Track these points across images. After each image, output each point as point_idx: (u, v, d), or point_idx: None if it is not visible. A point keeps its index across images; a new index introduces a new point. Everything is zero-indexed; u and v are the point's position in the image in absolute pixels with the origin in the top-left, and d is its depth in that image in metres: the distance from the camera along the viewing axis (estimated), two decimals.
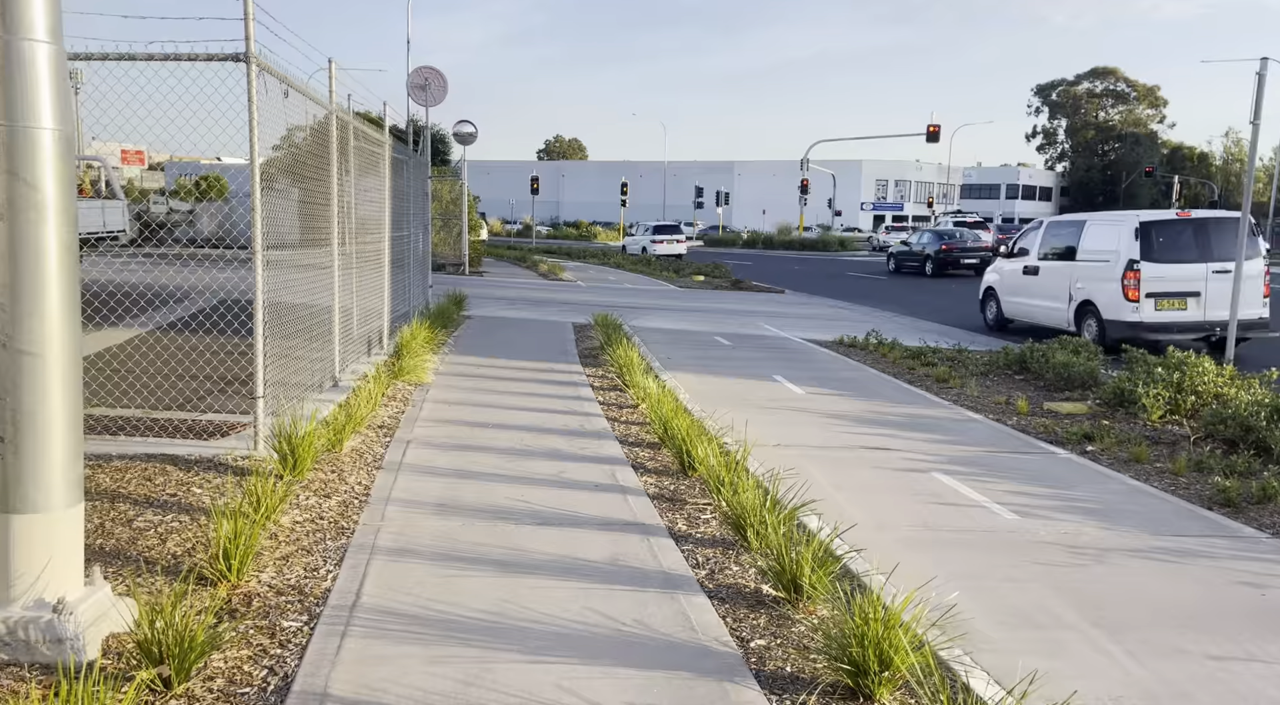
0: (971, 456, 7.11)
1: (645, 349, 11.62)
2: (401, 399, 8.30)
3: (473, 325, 14.12)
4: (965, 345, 13.01)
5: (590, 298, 20.54)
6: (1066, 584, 4.59)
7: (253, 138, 5.71)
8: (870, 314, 19.50)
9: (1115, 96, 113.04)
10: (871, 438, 7.62)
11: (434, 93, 16.93)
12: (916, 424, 8.24)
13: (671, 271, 30.60)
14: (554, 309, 17.41)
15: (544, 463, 6.38)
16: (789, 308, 20.59)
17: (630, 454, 6.80)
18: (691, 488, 6.01)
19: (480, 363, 10.51)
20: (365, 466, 6.07)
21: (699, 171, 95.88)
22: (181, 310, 12.35)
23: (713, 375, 10.55)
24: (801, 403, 9.08)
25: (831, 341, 14.05)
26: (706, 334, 14.67)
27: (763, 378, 10.44)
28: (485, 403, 8.30)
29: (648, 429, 7.60)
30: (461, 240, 26.07)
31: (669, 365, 10.94)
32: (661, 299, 21.78)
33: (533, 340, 12.75)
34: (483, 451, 6.60)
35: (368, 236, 10.57)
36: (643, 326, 14.67)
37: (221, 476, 5.43)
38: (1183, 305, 12.58)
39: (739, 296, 23.31)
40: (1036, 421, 8.48)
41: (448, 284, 20.16)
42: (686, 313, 18.23)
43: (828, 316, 18.70)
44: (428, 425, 7.35)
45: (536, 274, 28.69)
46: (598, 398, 8.83)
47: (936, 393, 9.82)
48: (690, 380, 10.04)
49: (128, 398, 7.04)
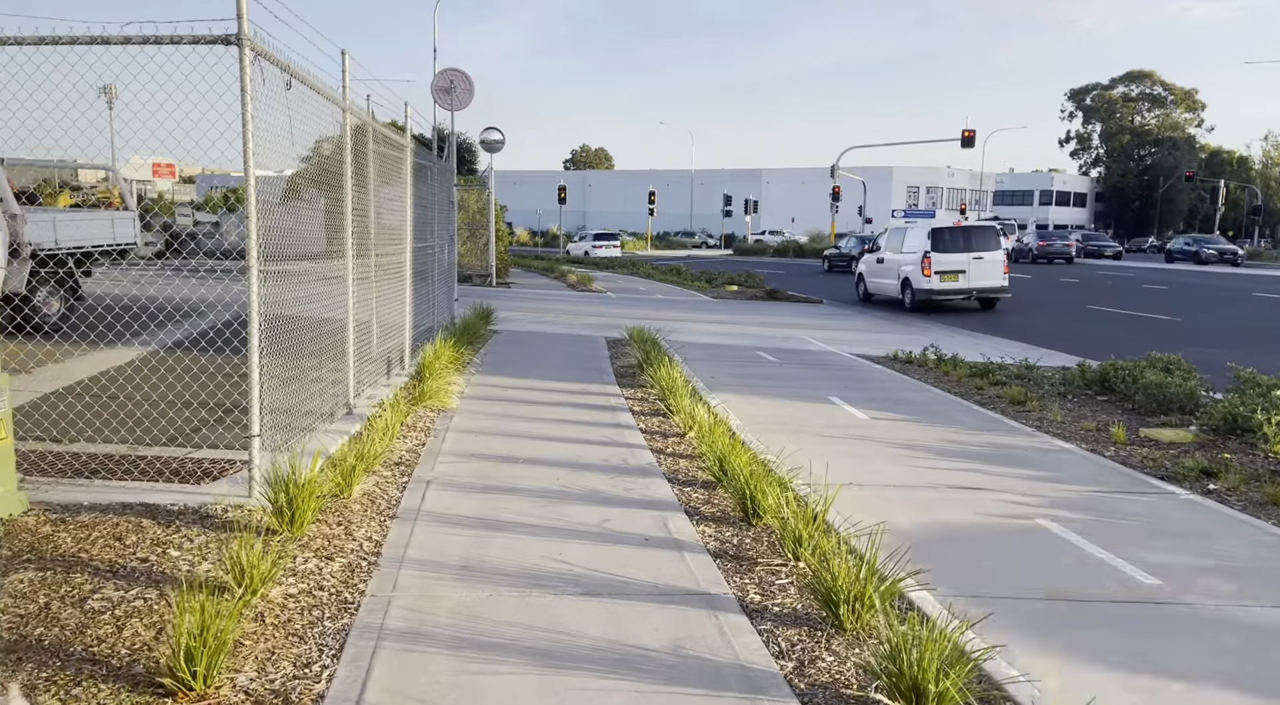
0: (1077, 498, 6.12)
1: (687, 368, 10.71)
2: (423, 428, 7.45)
3: (501, 341, 13.29)
4: (1033, 361, 11.98)
5: (622, 310, 19.68)
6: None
7: (246, 135, 4.89)
8: (915, 326, 18.46)
9: (1151, 100, 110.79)
10: (956, 474, 6.66)
11: (460, 96, 16.16)
12: (1003, 456, 7.26)
13: (704, 281, 29.67)
14: (585, 322, 16.56)
15: (583, 508, 5.49)
16: (829, 319, 19.60)
17: (682, 495, 5.89)
18: (758, 540, 5.10)
19: (509, 384, 9.66)
20: (377, 515, 5.21)
21: (726, 179, 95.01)
22: (193, 327, 11.63)
23: (762, 397, 9.62)
24: (866, 430, 8.12)
25: (883, 357, 13.07)
26: (748, 349, 13.74)
27: (818, 399, 9.50)
28: (515, 432, 7.44)
29: (699, 463, 6.70)
30: (489, 251, 25.33)
31: (714, 386, 10.03)
32: (696, 311, 20.87)
33: (564, 357, 11.89)
34: (512, 494, 5.72)
35: (388, 247, 9.77)
36: (680, 341, 13.77)
37: (206, 533, 4.59)
38: (955, 279, 20.28)
39: (775, 307, 22.35)
40: (1137, 452, 7.48)
41: (474, 296, 19.40)
42: (723, 325, 17.31)
43: (872, 328, 17.70)
44: (451, 460, 6.49)
45: (565, 285, 27.89)
46: (639, 425, 7.94)
47: (1015, 417, 8.83)
48: (739, 403, 9.11)
49: (112, 431, 6.25)
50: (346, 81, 7.27)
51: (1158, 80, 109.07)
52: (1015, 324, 18.45)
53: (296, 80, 5.70)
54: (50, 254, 11.07)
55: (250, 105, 4.87)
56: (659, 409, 8.51)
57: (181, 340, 10.52)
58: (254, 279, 5.05)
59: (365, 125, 8.35)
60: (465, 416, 7.97)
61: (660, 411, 8.42)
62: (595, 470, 6.38)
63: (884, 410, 8.99)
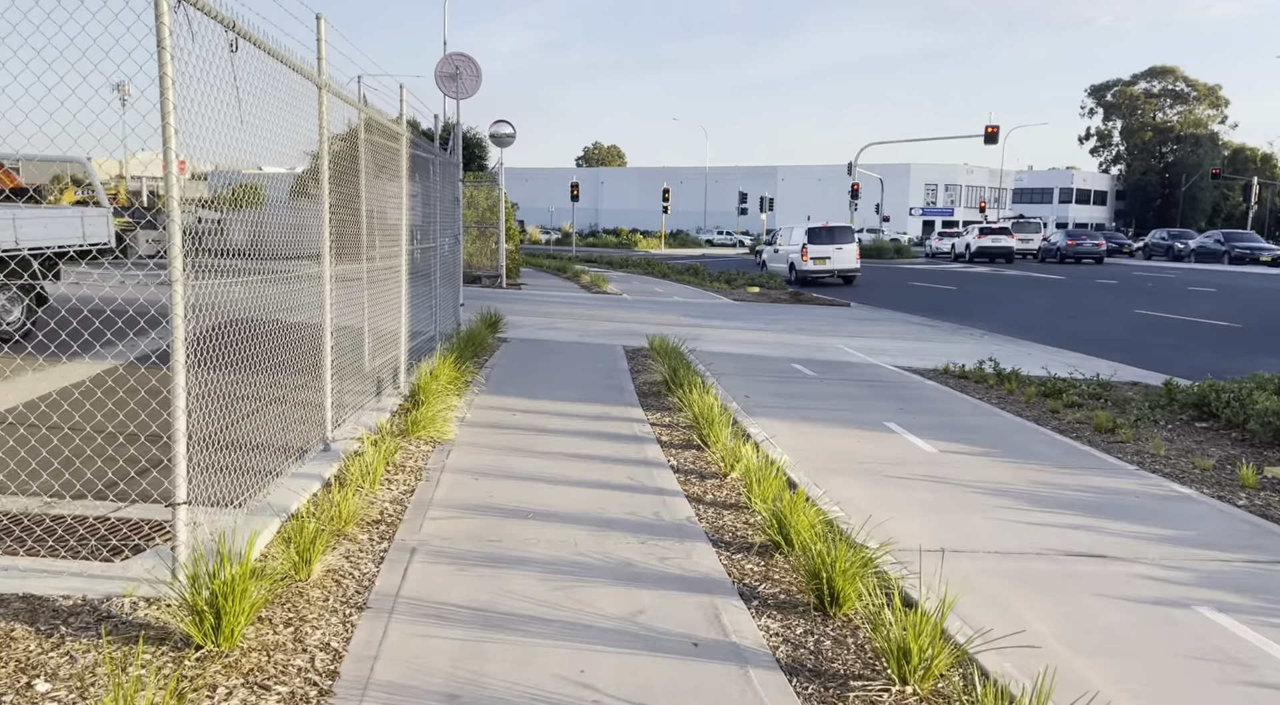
0: (1233, 572, 4.85)
1: (719, 387, 9.45)
2: (413, 468, 6.24)
3: (510, 352, 12.08)
4: (1104, 375, 10.68)
5: (639, 314, 18.45)
6: None
7: (165, 106, 3.68)
8: (957, 332, 17.16)
9: (1174, 96, 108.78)
10: (1065, 533, 5.40)
11: (466, 83, 14.93)
12: (1113, 506, 5.99)
13: (724, 282, 28.40)
14: (601, 329, 15.33)
15: (610, 590, 4.27)
16: (862, 325, 18.31)
17: (733, 566, 4.66)
18: (841, 643, 3.86)
19: (517, 406, 8.44)
20: (342, 605, 3.99)
21: (741, 177, 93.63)
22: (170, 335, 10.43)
23: (808, 422, 8.36)
24: (938, 466, 6.86)
25: (931, 370, 11.80)
26: (782, 361, 12.48)
27: (873, 426, 8.24)
28: (522, 473, 6.21)
29: (746, 516, 5.47)
30: (499, 251, 24.13)
31: (751, 408, 8.78)
32: (718, 315, 19.62)
33: (580, 372, 10.66)
34: (518, 568, 4.50)
35: (381, 249, 8.58)
36: (705, 351, 12.54)
37: (98, 649, 3.38)
38: (824, 263, 28.28)
39: (803, 312, 21.07)
40: (1276, 500, 6.19)
41: (482, 299, 18.20)
42: (750, 331, 16.05)
43: (910, 335, 16.40)
44: (443, 516, 5.27)
45: (578, 286, 26.68)
46: (670, 460, 6.71)
47: (1107, 449, 7.55)
48: (783, 431, 7.87)
49: (32, 475, 5.05)
50: (323, 52, 6.07)
51: (1180, 76, 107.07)
52: (1067, 331, 17.12)
53: (246, 41, 4.49)
54: (9, 254, 9.94)
55: (170, 67, 3.66)
56: (692, 440, 7.28)
57: (150, 352, 9.33)
58: (178, 298, 3.85)
59: (359, 112, 7.16)
60: (465, 451, 6.75)
61: (694, 444, 7.18)
62: (622, 528, 5.15)
63: (951, 440, 7.72)
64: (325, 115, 6.10)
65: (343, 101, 6.63)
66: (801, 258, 28.40)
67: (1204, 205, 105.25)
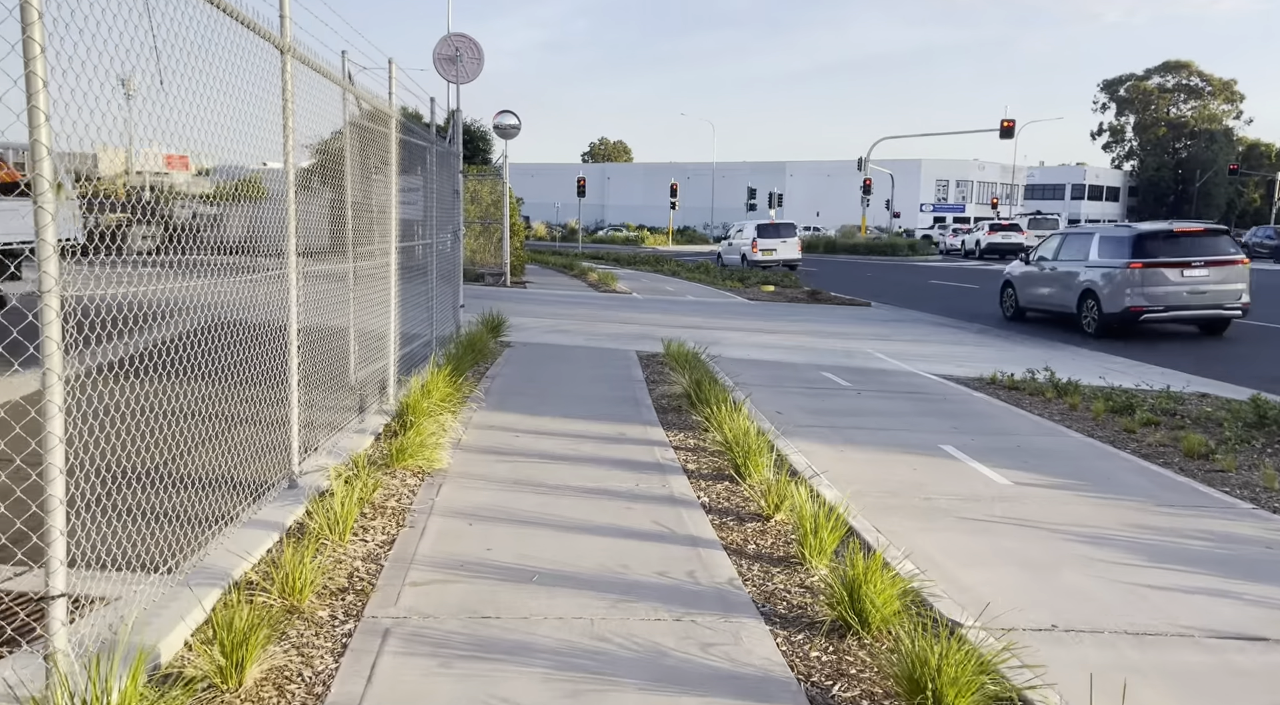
0: None
1: (747, 400, 8.39)
2: (395, 509, 5.21)
3: (513, 358, 11.04)
4: (1175, 388, 9.60)
5: (651, 315, 17.40)
6: None
7: (29, 65, 2.65)
8: (987, 335, 16.07)
9: (1188, 91, 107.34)
10: (1199, 600, 4.34)
11: (466, 66, 13.87)
12: (1240, 559, 4.92)
13: (737, 280, 27.33)
14: (611, 331, 14.29)
15: (637, 699, 3.23)
16: (888, 327, 17.24)
17: (797, 659, 3.62)
18: None
19: (520, 425, 7.40)
20: None
21: (749, 172, 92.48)
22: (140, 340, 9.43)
23: (853, 445, 7.31)
24: (1016, 503, 5.81)
25: (975, 379, 10.73)
26: (810, 368, 11.42)
27: (928, 450, 7.18)
28: (526, 514, 5.18)
29: (800, 575, 4.43)
30: (503, 247, 23.09)
31: (786, 428, 7.73)
32: (734, 316, 18.57)
33: (591, 382, 9.62)
34: (519, 662, 3.46)
35: (367, 245, 7.57)
36: (726, 356, 11.50)
37: None
38: (771, 254, 33.06)
39: (821, 312, 20.00)
40: None
41: (485, 299, 17.18)
42: (771, 334, 14.98)
43: (941, 339, 15.32)
44: (427, 579, 4.24)
45: (586, 284, 25.63)
46: (700, 496, 5.67)
47: (1207, 480, 6.48)
48: (826, 456, 6.82)
49: None
50: (286, 9, 5.02)
51: (1195, 70, 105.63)
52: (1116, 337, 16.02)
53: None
54: None
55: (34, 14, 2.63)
56: (723, 469, 6.23)
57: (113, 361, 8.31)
58: (53, 317, 2.83)
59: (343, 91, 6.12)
60: (459, 485, 5.71)
61: (726, 474, 6.14)
62: (649, 596, 4.11)
63: (1022, 468, 6.66)
64: (290, 87, 5.06)
65: (313, 71, 5.58)
66: (752, 250, 33.61)
67: (1218, 201, 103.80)
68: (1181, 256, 14.45)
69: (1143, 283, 14.38)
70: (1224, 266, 14.51)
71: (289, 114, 5.05)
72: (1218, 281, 14.48)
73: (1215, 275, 14.45)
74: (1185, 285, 14.45)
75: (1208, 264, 14.43)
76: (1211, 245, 14.75)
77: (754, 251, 33.29)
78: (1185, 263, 14.39)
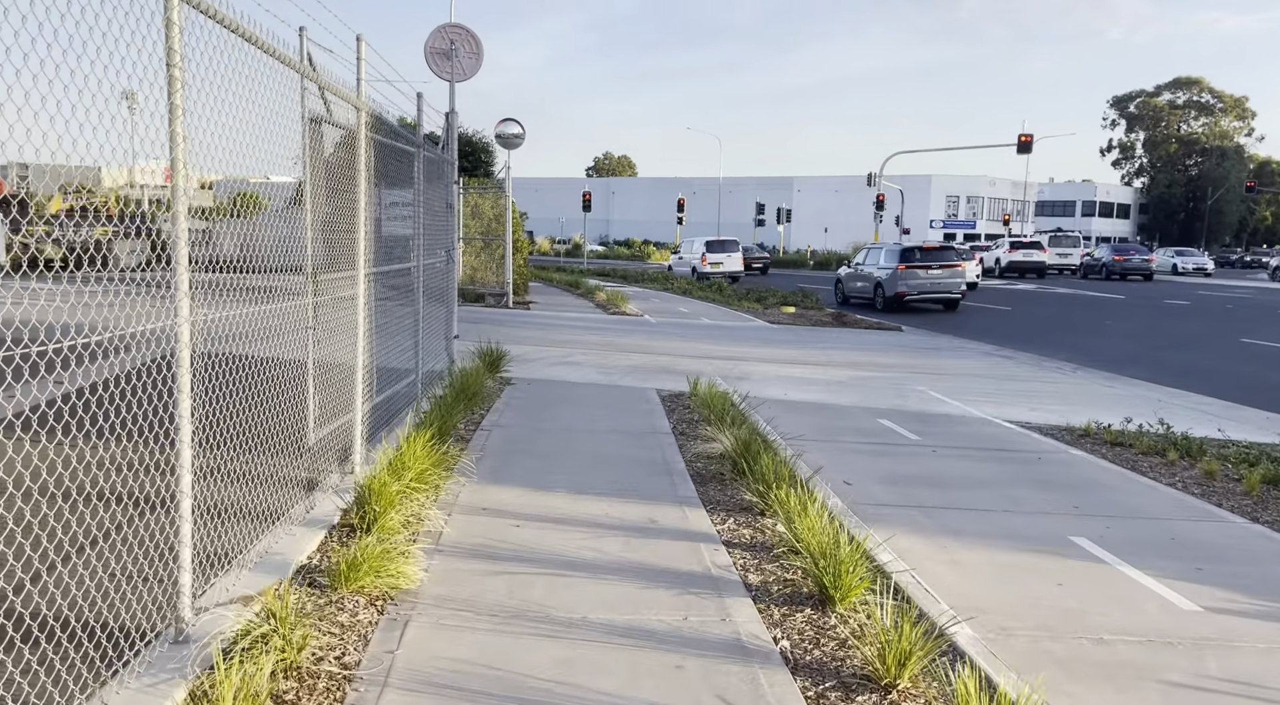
0: None
1: (815, 476, 6.63)
2: (331, 683, 3.48)
3: (515, 400, 9.34)
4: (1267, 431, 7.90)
5: (668, 343, 15.69)
6: None
7: None
8: (1043, 366, 14.38)
9: (1199, 108, 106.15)
10: None
11: (463, 62, 12.17)
12: None
13: (754, 301, 25.62)
14: (626, 362, 12.58)
15: None
16: (930, 357, 15.54)
17: None
18: None
19: (522, 508, 5.69)
20: None
21: (755, 187, 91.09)
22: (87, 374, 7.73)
23: (958, 538, 5.58)
24: (1228, 652, 4.08)
25: (1062, 429, 9.02)
26: (863, 413, 9.71)
27: (1055, 543, 5.46)
28: (531, 680, 3.46)
29: None
30: (505, 265, 21.42)
31: (862, 506, 6.01)
32: (759, 343, 16.86)
33: (608, 437, 7.91)
34: None
35: (333, 271, 5.90)
36: (760, 396, 9.80)
37: None
38: (718, 266, 36.76)
39: (852, 338, 18.29)
40: None
41: (485, 323, 15.50)
42: (804, 367, 13.27)
43: (994, 372, 13.61)
44: None
45: (593, 304, 23.94)
46: (777, 638, 3.96)
47: None
48: (929, 557, 5.10)
49: None
50: None
51: (1206, 87, 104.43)
52: (1173, 366, 14.33)
53: None
54: None
55: None
56: (797, 584, 4.52)
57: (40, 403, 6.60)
58: None
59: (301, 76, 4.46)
60: (432, 625, 3.99)
61: (805, 594, 4.43)
62: None
63: (1197, 578, 4.94)
64: (177, 42, 3.38)
65: (235, 34, 3.91)
66: (702, 263, 37.33)
67: (1230, 219, 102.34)
68: (927, 262, 23.81)
69: (906, 278, 23.55)
70: (952, 268, 24.04)
71: (176, 91, 3.38)
72: (948, 277, 23.81)
73: (946, 273, 23.80)
74: (929, 279, 23.67)
75: (942, 266, 23.85)
76: (945, 255, 24.64)
77: (704, 264, 37.17)
78: (928, 265, 23.72)
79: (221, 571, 4.07)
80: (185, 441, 3.54)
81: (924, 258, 23.88)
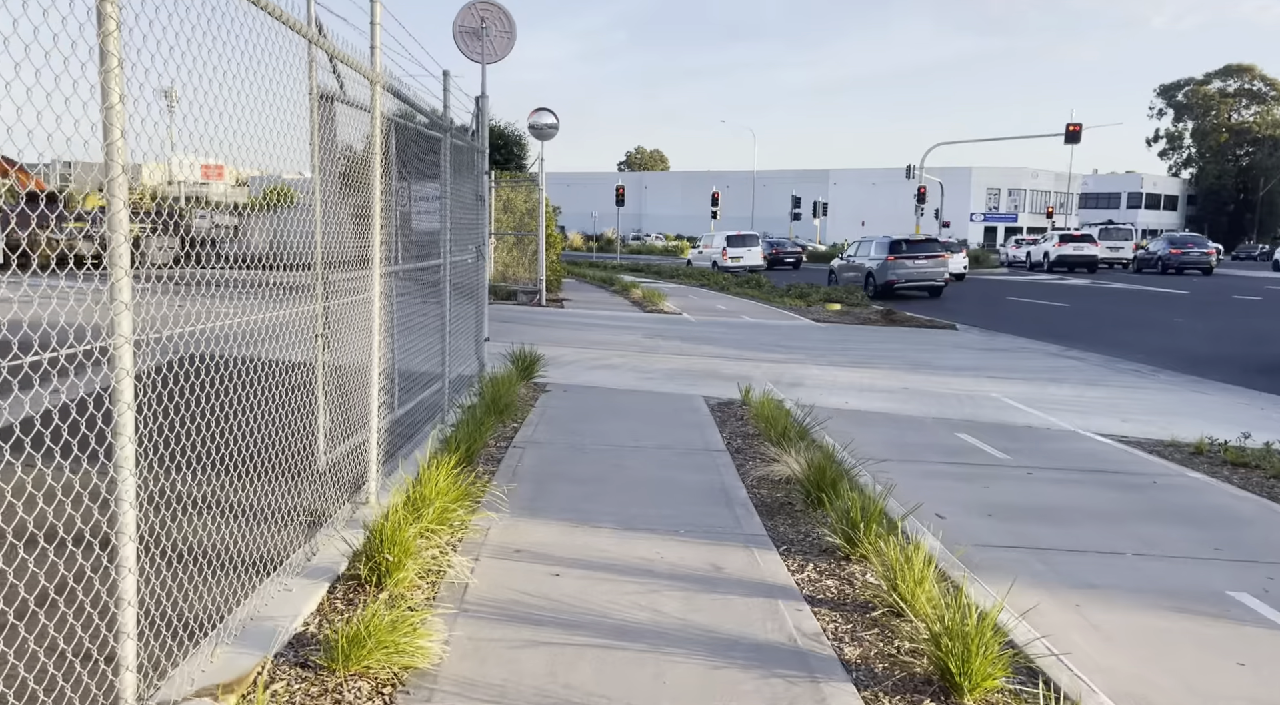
0: None
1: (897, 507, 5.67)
2: None
3: (550, 411, 8.48)
4: None
5: (711, 347, 14.76)
6: None
7: None
8: (1113, 367, 13.25)
9: (1251, 96, 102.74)
10: None
11: (494, 41, 11.28)
12: None
13: (796, 297, 24.59)
14: (668, 367, 11.68)
15: None
16: (990, 357, 14.47)
17: None
18: None
19: (562, 549, 4.81)
20: None
21: (791, 180, 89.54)
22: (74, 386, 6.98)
23: (1093, 594, 4.62)
24: None
25: (1166, 444, 8.00)
26: (938, 425, 8.73)
27: (1211, 601, 4.49)
28: None
29: None
30: (538, 261, 20.60)
31: (963, 545, 5.07)
32: (807, 344, 15.87)
33: (656, 456, 7.02)
34: None
35: (346, 270, 5.09)
36: (816, 404, 8.87)
37: None
38: (739, 260, 37.60)
39: (904, 337, 17.23)
40: None
41: (517, 323, 14.69)
42: (860, 371, 12.28)
43: (1066, 375, 12.52)
44: None
45: (629, 302, 23.05)
46: None
47: None
48: (1065, 622, 4.15)
49: None
50: None
51: (1258, 75, 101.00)
52: (1260, 365, 13.13)
53: None
54: None
55: None
56: (903, 661, 3.60)
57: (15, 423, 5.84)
58: None
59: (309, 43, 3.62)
60: None
61: (914, 671, 3.51)
62: None
63: None
64: None
65: None
66: (722, 257, 38.00)
67: None
68: (914, 253, 26.16)
69: (895, 267, 25.65)
70: (936, 258, 26.32)
71: (111, 52, 2.53)
72: (933, 266, 26.10)
73: (931, 263, 26.09)
74: (916, 268, 25.82)
75: (927, 257, 26.15)
76: (929, 247, 27.07)
77: (724, 258, 37.87)
78: (915, 256, 26.06)
79: (195, 647, 3.25)
80: (128, 528, 2.70)
81: (910, 249, 26.27)
